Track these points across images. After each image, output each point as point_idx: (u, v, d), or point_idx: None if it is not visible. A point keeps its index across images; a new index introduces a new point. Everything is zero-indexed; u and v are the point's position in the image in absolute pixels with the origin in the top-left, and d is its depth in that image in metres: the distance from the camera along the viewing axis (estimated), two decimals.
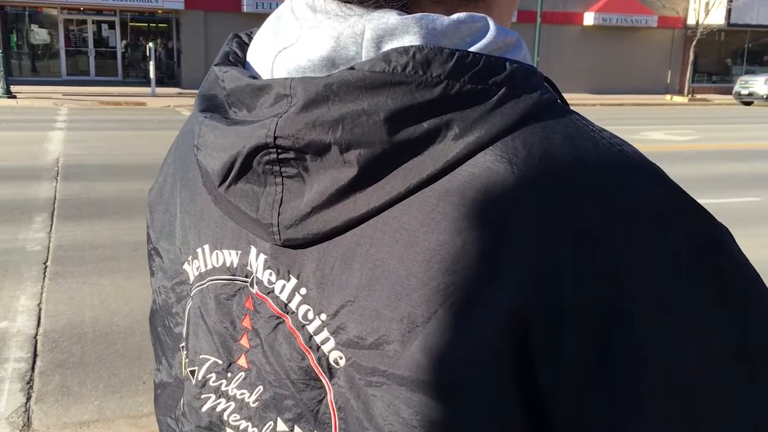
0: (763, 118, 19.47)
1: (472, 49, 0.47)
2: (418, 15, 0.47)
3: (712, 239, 0.45)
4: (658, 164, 0.47)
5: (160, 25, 25.78)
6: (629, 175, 0.45)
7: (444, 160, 0.45)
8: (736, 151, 12.39)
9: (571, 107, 0.50)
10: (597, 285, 0.42)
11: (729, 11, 27.94)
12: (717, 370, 0.44)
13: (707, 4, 26.77)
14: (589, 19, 28.20)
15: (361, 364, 0.47)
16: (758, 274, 0.47)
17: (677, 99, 26.61)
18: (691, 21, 27.87)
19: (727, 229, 0.47)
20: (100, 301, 4.51)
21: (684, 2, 27.98)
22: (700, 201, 0.47)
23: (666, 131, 15.32)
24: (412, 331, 0.44)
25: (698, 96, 27.32)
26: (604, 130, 0.48)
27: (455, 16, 0.48)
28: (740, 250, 0.47)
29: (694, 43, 27.01)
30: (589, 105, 23.11)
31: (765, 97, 24.33)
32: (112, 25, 24.49)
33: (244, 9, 22.91)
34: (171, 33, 25.30)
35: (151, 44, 20.84)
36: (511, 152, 0.44)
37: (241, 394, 0.55)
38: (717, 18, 27.64)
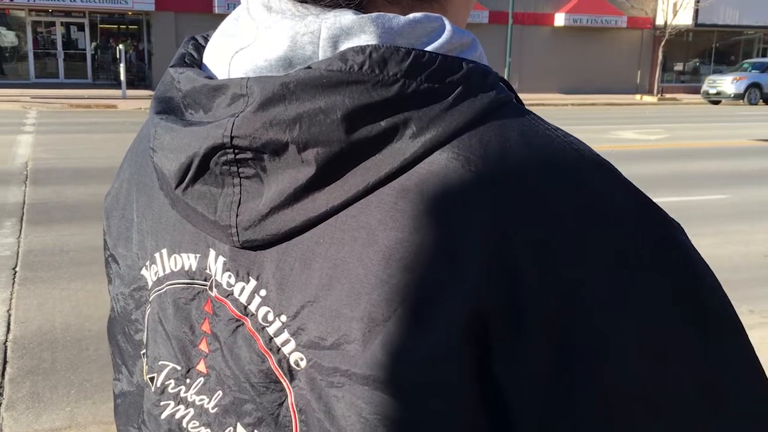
0: (730, 117, 19.79)
1: (428, 48, 0.47)
2: (374, 15, 0.48)
3: (666, 235, 0.46)
4: (628, 162, 0.48)
5: (130, 26, 25.48)
6: (583, 173, 0.45)
7: (402, 158, 0.45)
8: (705, 149, 12.58)
9: (545, 107, 0.51)
10: (553, 283, 0.43)
11: (696, 12, 28.34)
12: (673, 364, 0.45)
13: (675, 4, 27.12)
14: (559, 20, 28.43)
15: (322, 364, 0.47)
16: (708, 266, 0.48)
17: (647, 99, 26.93)
18: (659, 21, 28.22)
19: (679, 224, 0.48)
20: (71, 307, 4.45)
21: (652, 3, 28.32)
22: (670, 199, 0.48)
23: (636, 130, 15.50)
24: (373, 329, 0.44)
25: (667, 95, 27.67)
26: (559, 128, 0.48)
27: (411, 16, 0.48)
28: (692, 244, 0.48)
29: (662, 43, 27.35)
30: (560, 105, 23.29)
31: (732, 96, 24.74)
32: (81, 27, 24.15)
33: (216, 10, 22.72)
34: (141, 34, 25.01)
35: (121, 46, 20.61)
36: (467, 150, 0.45)
37: (200, 400, 0.55)
38: (685, 18, 28.03)
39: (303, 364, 0.48)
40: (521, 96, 0.53)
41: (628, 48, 29.84)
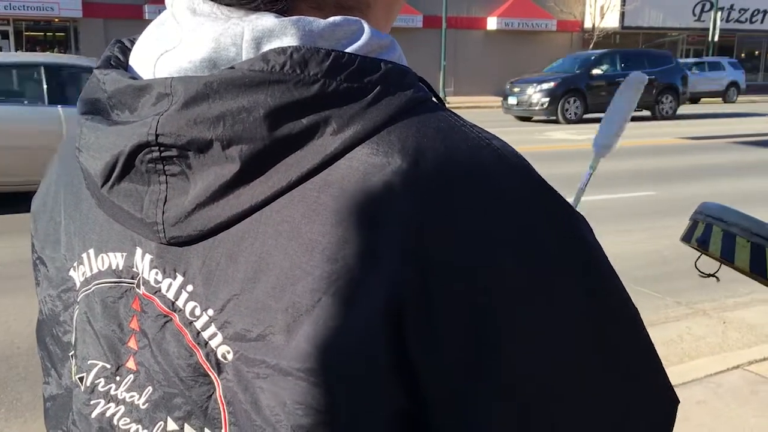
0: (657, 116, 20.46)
1: (348, 50, 0.49)
2: (294, 18, 0.49)
3: (573, 229, 0.49)
4: (560, 162, 0.51)
5: (57, 34, 24.71)
6: (497, 168, 0.48)
7: (323, 154, 0.47)
8: (634, 147, 12.99)
9: (481, 110, 0.53)
10: (466, 273, 0.45)
11: (622, 14, 29.29)
12: (577, 349, 0.48)
13: (602, 7, 27.98)
14: (492, 23, 28.95)
15: (248, 356, 0.48)
16: (608, 260, 0.51)
17: None
18: (587, 24, 29.05)
19: (583, 217, 0.51)
20: (1, 323, 4.29)
21: (580, 6, 29.13)
22: (600, 196, 0.51)
23: (568, 131, 15.91)
24: (297, 320, 0.46)
25: None
26: (475, 125, 0.50)
27: (331, 19, 0.50)
28: (595, 237, 0.51)
29: (591, 45, 28.14)
30: (495, 107, 23.69)
31: None
32: (5, 35, 23.30)
33: (146, 16, 22.28)
34: (69, 42, 24.29)
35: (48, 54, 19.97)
36: (386, 145, 0.46)
37: (131, 396, 0.55)
38: (611, 21, 28.93)
39: (230, 356, 0.49)
40: (458, 98, 0.55)
41: (558, 50, 30.56)
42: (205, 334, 0.50)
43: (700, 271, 1.09)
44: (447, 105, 0.51)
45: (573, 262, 0.48)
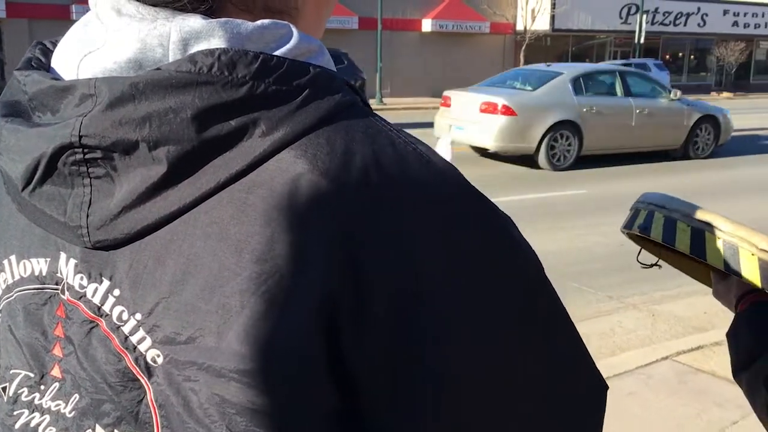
0: None
1: (276, 53, 0.49)
2: (222, 20, 0.49)
3: (498, 227, 0.51)
4: (498, 163, 0.52)
5: None
6: (422, 170, 0.49)
7: (252, 156, 0.47)
8: None
9: (418, 111, 0.54)
10: (396, 273, 0.46)
11: (553, 17, 30.00)
12: (508, 343, 0.49)
13: (533, 10, 28.59)
14: (426, 25, 29.22)
15: (178, 359, 0.47)
16: (536, 256, 0.53)
17: None
18: (519, 27, 29.64)
19: (509, 217, 0.52)
20: None
21: (512, 9, 29.70)
22: (534, 195, 0.53)
23: None
24: (228, 321, 0.46)
25: None
26: (402, 130, 0.51)
27: (259, 22, 0.50)
28: (521, 234, 0.52)
29: (523, 47, 28.74)
30: (432, 108, 23.90)
31: None
32: None
33: (73, 17, 21.60)
34: None
35: None
36: (315, 148, 0.47)
37: (57, 405, 0.54)
38: (542, 24, 29.60)
39: (160, 360, 0.48)
40: (394, 100, 0.56)
41: (492, 52, 31.12)
42: (134, 339, 0.49)
43: (642, 263, 1.13)
44: (384, 107, 0.52)
45: (500, 259, 0.50)
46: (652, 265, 1.13)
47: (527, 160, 10.34)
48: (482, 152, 10.77)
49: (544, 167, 10.28)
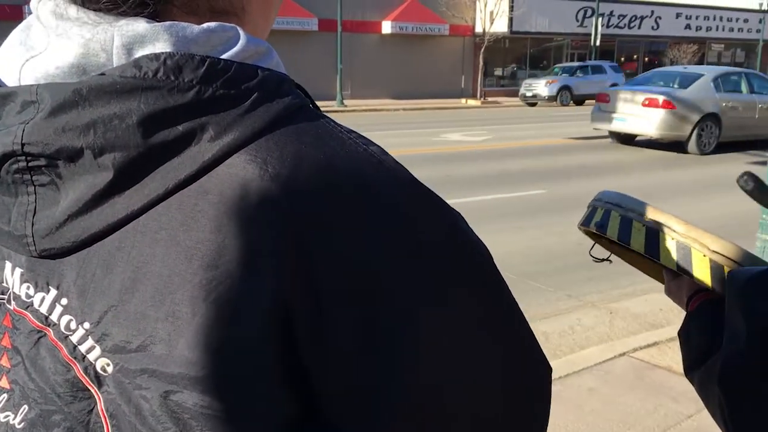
0: (546, 118, 21.35)
1: (224, 56, 0.48)
2: (167, 23, 0.49)
3: (450, 223, 0.51)
4: (457, 163, 0.52)
5: None
6: (374, 172, 0.49)
7: (201, 161, 0.46)
8: (524, 148, 13.48)
9: (378, 113, 0.54)
10: (350, 274, 0.46)
11: (511, 20, 30.34)
12: (464, 336, 0.50)
13: (492, 13, 28.86)
14: (386, 27, 29.30)
15: (129, 368, 0.47)
16: (488, 251, 0.53)
17: (471, 102, 28.41)
18: (478, 29, 29.89)
19: (460, 213, 0.53)
20: None
21: (471, 11, 29.94)
22: (495, 196, 0.53)
23: (463, 132, 16.32)
24: (179, 328, 0.45)
25: (490, 99, 29.35)
26: (353, 131, 0.51)
27: (205, 25, 0.50)
28: (472, 230, 0.53)
29: (482, 49, 29.01)
30: (392, 110, 23.96)
31: (547, 98, 26.71)
32: None
33: (26, 17, 21.13)
34: None
35: None
36: (264, 152, 0.47)
37: (5, 416, 0.53)
38: (501, 26, 29.91)
39: (110, 369, 0.48)
40: (355, 102, 0.56)
41: (451, 54, 31.34)
42: (83, 348, 0.48)
43: (594, 257, 1.15)
44: (344, 108, 0.52)
45: (454, 256, 0.50)
46: (603, 260, 1.15)
47: (673, 146, 12.85)
48: (621, 140, 13.77)
49: (692, 152, 12.65)
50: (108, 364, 0.48)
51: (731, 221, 6.59)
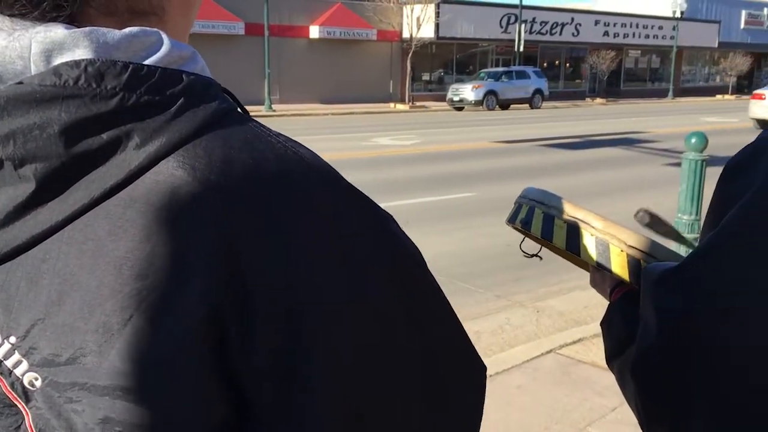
0: (473, 122, 21.72)
1: (147, 62, 0.48)
2: (87, 29, 0.47)
3: (381, 226, 0.52)
4: (387, 167, 0.53)
5: None
6: (304, 175, 0.49)
7: (127, 169, 0.46)
8: (453, 152, 13.68)
9: (307, 117, 0.53)
10: (282, 279, 0.46)
11: (437, 26, 30.74)
12: (395, 337, 0.51)
13: (418, 18, 29.18)
14: (314, 32, 29.22)
15: (58, 381, 0.46)
16: (419, 251, 0.55)
17: (400, 107, 28.60)
18: (406, 34, 30.16)
19: (391, 215, 0.54)
20: None
21: (398, 17, 30.19)
22: (425, 199, 0.54)
23: (392, 137, 16.43)
24: (109, 339, 0.45)
25: (418, 103, 29.66)
26: (281, 134, 0.51)
27: (127, 30, 0.49)
28: (404, 232, 0.54)
29: (410, 54, 29.26)
30: (322, 115, 23.88)
31: (473, 102, 27.19)
32: None
33: None
34: None
35: None
36: (192, 158, 0.46)
37: None
38: (428, 32, 30.26)
39: (38, 383, 0.47)
40: (284, 106, 0.56)
41: (380, 59, 31.50)
42: (9, 363, 0.47)
43: (524, 252, 1.17)
44: (273, 113, 0.52)
45: (384, 257, 0.51)
46: (533, 255, 1.18)
47: None
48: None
49: None
50: (36, 379, 0.46)
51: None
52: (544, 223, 1.03)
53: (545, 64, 36.42)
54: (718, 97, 41.66)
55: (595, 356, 3.98)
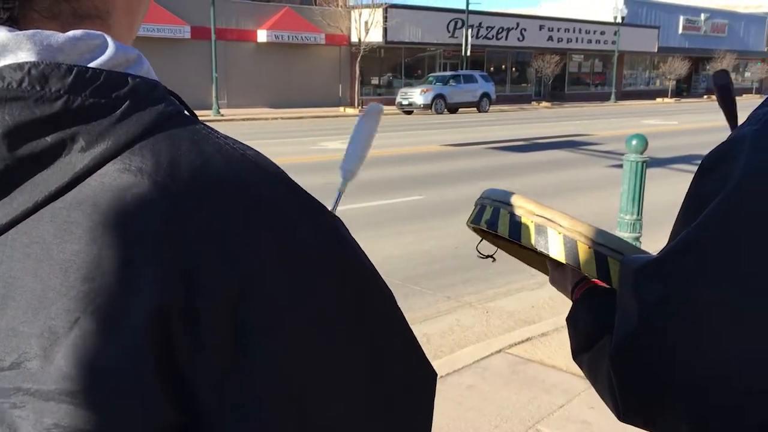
0: (422, 125, 21.86)
1: (92, 65, 0.48)
2: (30, 32, 0.47)
3: (329, 228, 0.53)
4: (338, 171, 0.52)
5: None
6: (252, 177, 0.50)
7: (72, 172, 0.46)
8: (403, 155, 13.74)
9: (256, 122, 0.54)
10: (230, 280, 0.46)
11: (385, 30, 30.85)
12: (343, 343, 0.51)
13: (366, 23, 29.24)
14: (262, 36, 28.99)
15: (2, 387, 0.45)
16: (365, 254, 0.56)
17: (350, 111, 28.61)
18: (354, 39, 30.19)
19: (339, 218, 0.55)
20: None
21: (347, 21, 30.20)
22: (375, 203, 0.55)
23: (341, 140, 16.39)
24: (55, 343, 0.44)
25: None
26: (229, 137, 0.52)
27: (71, 33, 0.48)
28: (351, 236, 0.55)
29: (358, 59, 29.31)
30: (271, 119, 23.69)
31: (422, 106, 27.37)
32: None
33: None
34: None
35: None
36: (139, 161, 0.46)
37: None
38: (376, 36, 30.36)
39: None
40: (232, 111, 0.56)
41: (328, 63, 31.45)
42: None
43: (480, 253, 1.19)
44: (221, 118, 0.53)
45: (331, 259, 0.52)
46: (488, 257, 1.20)
47: None
48: None
49: None
50: None
51: (591, 219, 7.02)
52: (511, 224, 1.05)
53: (492, 69, 36.92)
54: (659, 100, 42.92)
55: (543, 355, 4.06)
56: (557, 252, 1.02)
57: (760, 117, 0.72)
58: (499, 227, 1.06)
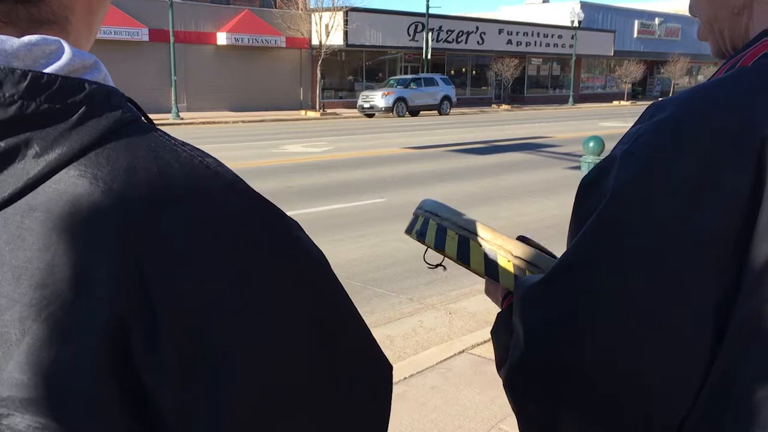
0: (383, 128, 21.90)
1: (48, 70, 0.47)
2: None
3: (287, 233, 0.53)
4: (298, 174, 0.53)
5: None
6: (209, 183, 0.50)
7: (26, 178, 0.45)
8: (364, 158, 13.75)
9: (216, 125, 0.53)
10: (185, 288, 0.46)
11: (346, 33, 30.84)
12: (299, 343, 0.51)
13: (327, 26, 29.20)
14: (222, 39, 28.73)
15: None
16: (324, 256, 0.56)
17: (311, 114, 28.54)
18: (315, 42, 30.11)
19: (297, 222, 0.55)
20: None
21: (307, 24, 30.10)
22: (337, 206, 0.55)
23: (303, 144, 16.37)
24: (7, 351, 0.44)
25: (329, 110, 29.67)
26: (186, 143, 0.52)
27: (26, 38, 0.48)
28: (309, 238, 0.55)
29: (320, 62, 29.24)
30: (231, 123, 23.49)
31: (384, 109, 27.42)
32: None
33: None
34: None
35: None
36: (95, 167, 0.46)
37: None
38: (337, 39, 30.33)
39: None
40: (192, 114, 0.56)
41: (289, 66, 31.31)
42: None
43: (428, 263, 1.20)
44: (180, 121, 0.52)
45: (289, 264, 0.52)
46: (437, 266, 1.20)
47: None
48: None
49: None
50: None
51: (549, 221, 7.12)
52: (437, 235, 1.06)
53: (452, 72, 37.18)
54: (615, 103, 43.70)
55: None
56: (477, 264, 1.04)
57: (632, 134, 0.74)
58: (426, 237, 1.08)
